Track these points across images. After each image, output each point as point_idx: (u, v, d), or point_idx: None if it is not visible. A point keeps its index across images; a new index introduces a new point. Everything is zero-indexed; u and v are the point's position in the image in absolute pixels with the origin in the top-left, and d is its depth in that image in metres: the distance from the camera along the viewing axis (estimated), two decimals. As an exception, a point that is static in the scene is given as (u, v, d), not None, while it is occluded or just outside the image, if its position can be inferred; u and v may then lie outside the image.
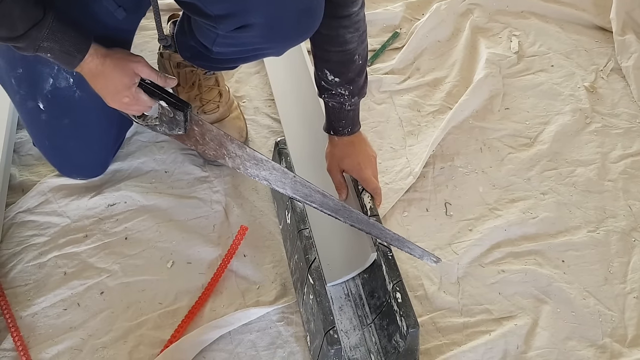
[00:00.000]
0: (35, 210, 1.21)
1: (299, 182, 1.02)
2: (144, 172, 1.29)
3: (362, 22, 1.04)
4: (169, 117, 1.01)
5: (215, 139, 1.03)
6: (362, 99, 1.14)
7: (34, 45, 0.88)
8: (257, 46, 0.98)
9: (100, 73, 0.96)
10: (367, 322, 1.07)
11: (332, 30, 1.02)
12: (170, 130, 1.03)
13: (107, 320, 1.09)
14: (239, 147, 1.02)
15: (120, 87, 0.97)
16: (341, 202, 1.03)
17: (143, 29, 1.55)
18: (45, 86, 1.10)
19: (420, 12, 1.69)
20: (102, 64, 0.95)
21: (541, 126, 1.43)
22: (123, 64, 0.96)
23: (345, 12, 1.00)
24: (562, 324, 1.11)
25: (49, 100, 1.12)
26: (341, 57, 1.06)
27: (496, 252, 1.20)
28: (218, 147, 1.03)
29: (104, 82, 0.97)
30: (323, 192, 1.02)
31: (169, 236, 1.20)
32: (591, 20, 1.68)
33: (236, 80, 1.50)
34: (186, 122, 1.01)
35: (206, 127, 1.02)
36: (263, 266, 1.17)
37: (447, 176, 1.33)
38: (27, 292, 1.11)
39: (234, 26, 0.92)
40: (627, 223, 1.26)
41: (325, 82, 1.10)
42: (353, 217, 1.04)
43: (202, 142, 1.04)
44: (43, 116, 1.14)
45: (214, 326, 1.05)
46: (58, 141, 1.18)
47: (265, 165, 1.02)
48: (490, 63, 1.52)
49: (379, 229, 1.04)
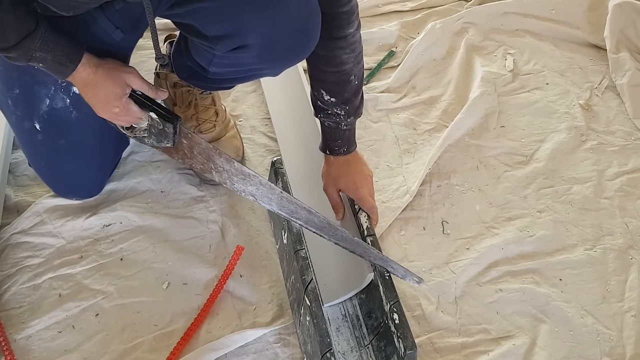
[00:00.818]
0: (30, 231, 1.21)
1: (285, 198, 1.02)
2: (140, 192, 1.28)
3: (358, 44, 1.04)
4: (158, 129, 1.01)
5: (203, 152, 1.02)
6: (357, 118, 1.14)
7: (27, 56, 0.88)
8: (253, 66, 0.99)
9: (92, 82, 0.96)
10: (364, 344, 1.06)
11: (329, 51, 1.03)
12: (158, 143, 1.03)
13: (102, 343, 1.08)
14: (226, 161, 1.01)
15: (111, 97, 0.97)
16: (326, 219, 1.02)
17: (140, 49, 1.55)
18: (42, 107, 1.10)
19: (416, 31, 1.70)
20: (94, 74, 0.95)
21: (537, 144, 1.43)
22: (115, 74, 0.97)
23: (341, 33, 1.01)
24: (560, 344, 1.10)
25: (46, 121, 1.12)
26: (337, 77, 1.06)
27: (493, 271, 1.20)
28: (206, 160, 1.03)
29: (94, 91, 0.97)
30: (309, 209, 1.02)
31: (165, 257, 1.19)
32: (585, 38, 1.69)
33: (233, 99, 1.50)
34: (175, 134, 1.01)
35: (195, 140, 1.02)
36: (260, 287, 1.16)
37: (443, 194, 1.33)
38: (21, 314, 1.10)
39: (231, 47, 0.93)
40: (624, 241, 1.25)
41: (321, 102, 1.10)
42: (338, 235, 1.03)
43: (190, 155, 1.04)
44: (39, 137, 1.14)
45: (210, 349, 1.04)
46: (54, 162, 1.18)
47: (252, 180, 1.01)
48: (486, 81, 1.53)
49: (362, 247, 1.04)
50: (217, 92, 1.35)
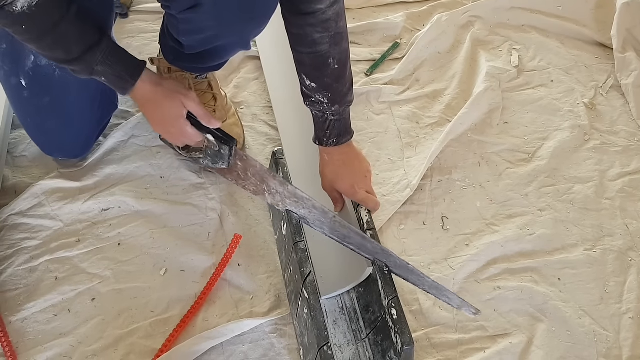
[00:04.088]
0: (27, 213, 1.20)
1: (337, 222, 1.03)
2: (139, 177, 1.27)
3: (331, 23, 1.01)
4: (214, 150, 1.03)
5: (257, 174, 1.04)
6: (346, 108, 1.12)
7: (89, 69, 0.92)
8: (214, 32, 0.99)
9: (151, 100, 0.99)
10: (361, 337, 1.06)
11: (300, 28, 1.02)
12: (213, 164, 1.05)
13: (97, 328, 1.07)
14: (280, 184, 1.04)
15: (168, 117, 1.00)
16: (380, 246, 1.03)
17: (142, 32, 1.54)
18: (27, 63, 1.11)
19: (421, 23, 1.68)
20: (154, 92, 0.98)
21: (540, 142, 1.42)
22: (173, 95, 0.99)
23: (309, 8, 0.99)
24: (557, 343, 1.10)
25: (31, 78, 1.13)
26: (313, 59, 1.05)
27: (492, 268, 1.20)
28: (260, 182, 1.05)
29: (153, 109, 1.00)
30: (363, 234, 1.03)
31: (163, 243, 1.18)
32: (592, 37, 1.67)
33: (235, 85, 1.49)
34: (230, 156, 1.03)
35: (250, 162, 1.04)
36: (257, 276, 1.16)
37: (444, 190, 1.32)
38: (17, 296, 1.10)
39: (185, 6, 0.93)
40: (624, 242, 1.25)
41: (305, 87, 1.10)
42: (396, 263, 1.02)
43: (244, 177, 1.06)
44: (25, 93, 1.15)
45: (206, 337, 1.04)
46: (39, 119, 1.19)
47: (306, 204, 1.04)
48: (490, 76, 1.52)
49: (417, 275, 1.03)
50: (214, 77, 1.33)
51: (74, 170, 1.27)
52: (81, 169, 1.27)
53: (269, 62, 1.50)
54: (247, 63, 1.53)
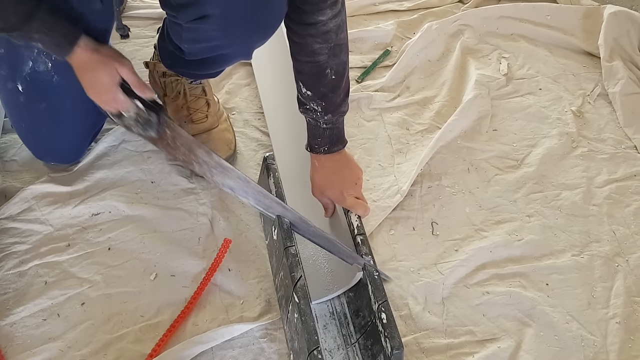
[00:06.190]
0: (17, 217, 1.20)
1: (261, 192, 1.05)
2: (130, 182, 1.28)
3: (331, 34, 1.03)
4: (144, 118, 1.03)
5: (185, 143, 1.05)
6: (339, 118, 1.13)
7: (26, 37, 0.93)
8: (220, 42, 1.00)
9: (86, 66, 0.99)
10: (351, 342, 1.06)
11: (301, 38, 1.04)
12: (144, 132, 1.05)
13: (87, 332, 1.07)
14: (206, 154, 1.04)
15: (101, 83, 1.00)
16: (299, 214, 1.06)
17: (135, 37, 1.55)
18: (25, 68, 1.12)
19: (412, 31, 1.70)
20: (90, 57, 0.98)
21: (528, 149, 1.44)
22: (108, 62, 0.99)
23: (311, 19, 1.01)
24: (545, 348, 1.11)
25: (27, 83, 1.13)
26: (311, 68, 1.07)
27: (481, 274, 1.20)
28: (188, 152, 1.05)
29: (88, 75, 1.00)
30: (284, 205, 1.06)
31: (153, 248, 1.18)
32: (579, 46, 1.70)
33: (226, 91, 1.50)
34: (159, 124, 1.04)
35: (177, 131, 1.05)
36: (248, 281, 1.16)
37: (434, 195, 1.33)
38: (6, 300, 1.09)
39: (193, 16, 0.95)
40: (611, 248, 1.26)
41: (300, 94, 1.11)
42: (310, 231, 1.07)
43: (173, 145, 1.06)
44: (21, 98, 1.15)
45: (196, 342, 1.04)
46: (34, 125, 1.19)
47: (230, 174, 1.04)
48: (480, 84, 1.53)
49: (333, 244, 1.07)
50: (209, 83, 1.34)
51: (64, 175, 1.27)
52: (72, 173, 1.27)
53: (261, 68, 1.51)
54: (239, 69, 1.54)
